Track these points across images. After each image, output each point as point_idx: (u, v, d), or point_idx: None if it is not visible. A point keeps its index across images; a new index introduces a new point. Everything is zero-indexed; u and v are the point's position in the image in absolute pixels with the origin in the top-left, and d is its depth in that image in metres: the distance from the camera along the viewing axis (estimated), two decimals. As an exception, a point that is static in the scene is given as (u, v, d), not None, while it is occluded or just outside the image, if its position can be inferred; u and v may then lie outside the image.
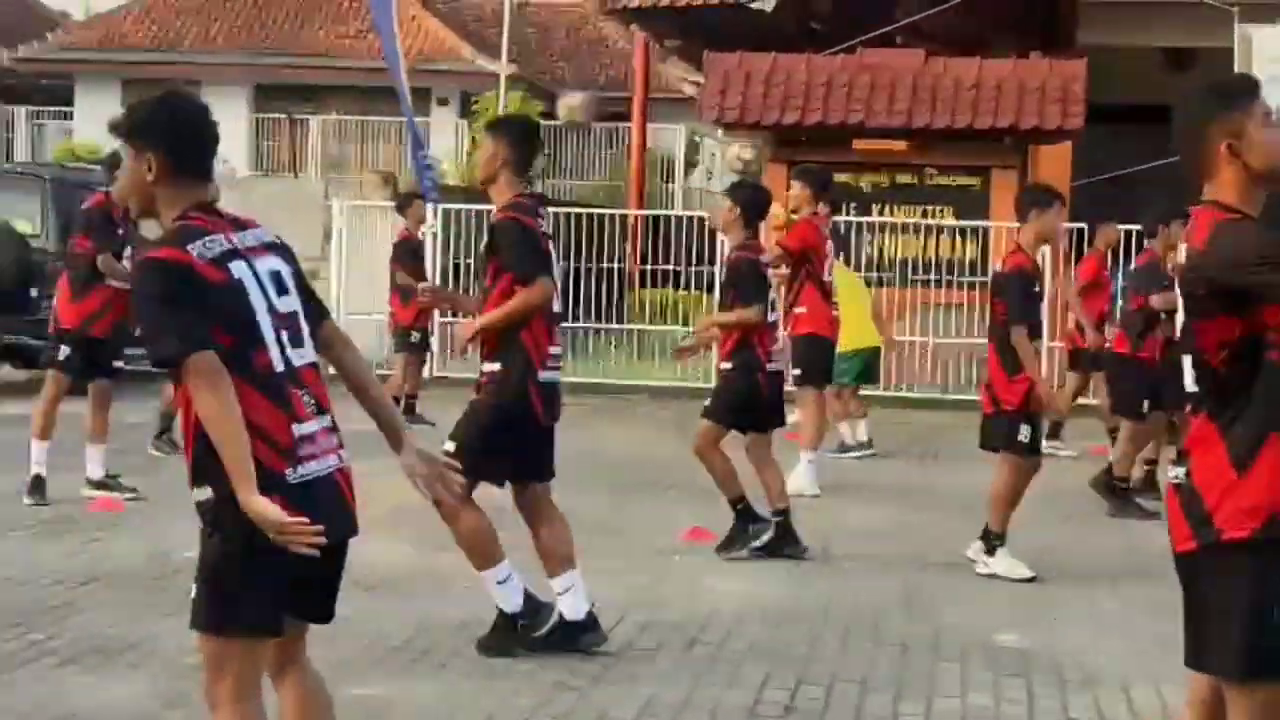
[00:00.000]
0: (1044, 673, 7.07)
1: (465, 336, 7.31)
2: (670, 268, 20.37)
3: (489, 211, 7.36)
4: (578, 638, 7.11)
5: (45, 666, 6.72)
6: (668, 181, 31.50)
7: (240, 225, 4.35)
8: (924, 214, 19.45)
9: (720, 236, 10.01)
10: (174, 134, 4.32)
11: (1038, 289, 9.30)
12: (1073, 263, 15.41)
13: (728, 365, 9.64)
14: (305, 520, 4.01)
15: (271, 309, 4.25)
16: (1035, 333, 9.20)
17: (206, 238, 4.21)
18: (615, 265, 20.25)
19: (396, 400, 10.91)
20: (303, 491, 4.17)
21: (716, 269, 20.13)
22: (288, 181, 28.54)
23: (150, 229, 8.09)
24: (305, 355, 4.30)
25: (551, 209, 18.44)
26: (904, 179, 19.92)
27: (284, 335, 4.26)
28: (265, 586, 4.18)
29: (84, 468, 10.75)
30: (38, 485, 10.47)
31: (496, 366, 7.04)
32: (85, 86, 39.05)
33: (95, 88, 38.92)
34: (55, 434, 10.56)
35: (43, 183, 17.76)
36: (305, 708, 4.41)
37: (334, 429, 4.32)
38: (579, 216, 20.03)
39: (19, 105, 38.99)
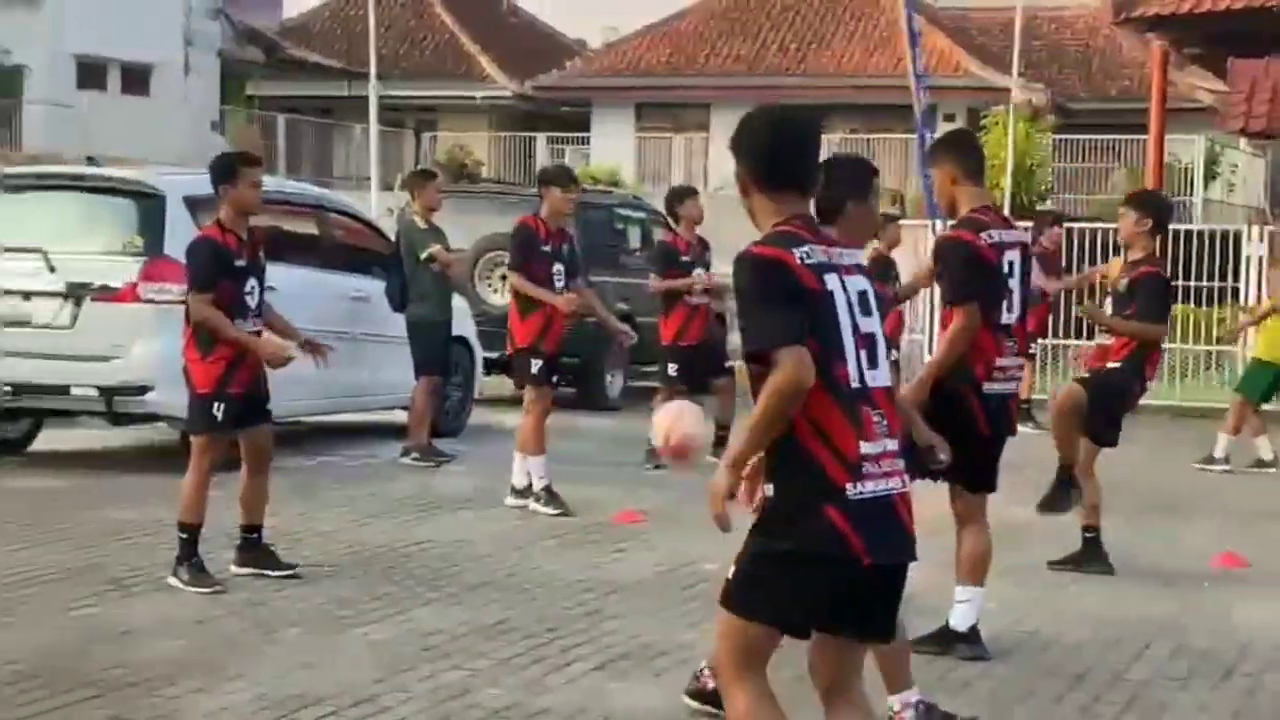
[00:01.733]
0: None
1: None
2: (1190, 284, 19.63)
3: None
4: (954, 645, 7.09)
5: (578, 671, 6.93)
6: (1186, 194, 30.45)
7: (833, 242, 4.47)
8: None
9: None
10: (754, 149, 4.47)
11: None
12: None
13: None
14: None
15: (855, 327, 4.34)
16: None
17: (808, 246, 4.33)
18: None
19: None
20: (859, 508, 4.24)
21: (1242, 284, 19.44)
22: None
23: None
24: (879, 377, 4.38)
25: (1068, 224, 18.09)
26: None
27: (862, 354, 4.34)
28: (796, 591, 4.28)
29: (583, 485, 11.23)
30: (550, 494, 10.89)
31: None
32: (601, 111, 40.46)
33: (610, 112, 40.29)
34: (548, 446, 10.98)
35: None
36: None
37: (899, 454, 4.38)
38: (1093, 231, 19.59)
39: (539, 132, 40.64)
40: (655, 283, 13.25)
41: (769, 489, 4.33)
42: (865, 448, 4.27)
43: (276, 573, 8.50)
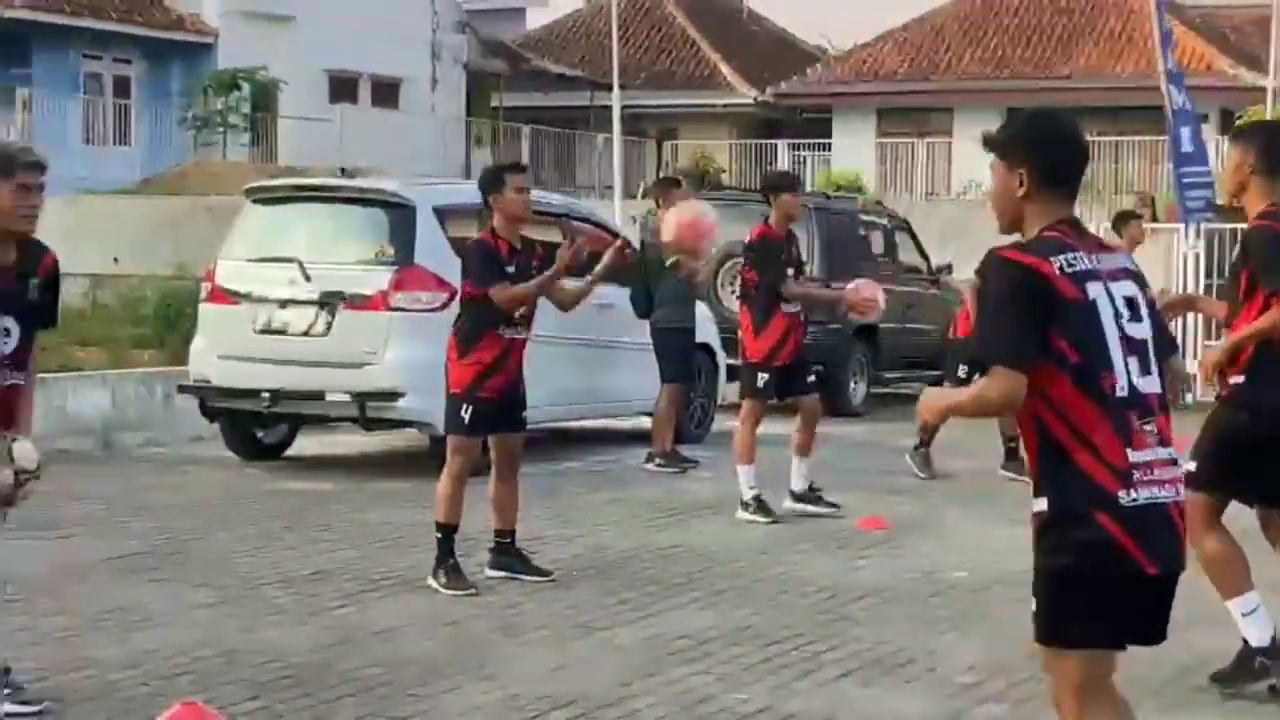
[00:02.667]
0: None
1: (1209, 363, 6.91)
2: None
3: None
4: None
5: (826, 677, 6.90)
6: None
7: (1103, 247, 4.40)
8: None
9: None
10: (1045, 149, 4.39)
11: None
12: None
13: None
14: None
15: (1123, 334, 4.25)
16: None
17: (1071, 253, 4.25)
18: None
19: None
20: (1135, 514, 4.17)
21: None
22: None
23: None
24: (1152, 384, 4.29)
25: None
26: None
27: (1132, 361, 4.26)
28: (1092, 604, 4.22)
29: (829, 492, 11.14)
30: (761, 505, 10.78)
31: (1242, 379, 6.69)
32: (842, 117, 40.36)
33: (852, 118, 40.19)
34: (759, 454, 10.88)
35: (809, 211, 18.42)
36: None
37: (1175, 462, 4.30)
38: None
39: (780, 139, 40.60)
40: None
41: (1041, 504, 4.26)
42: (1134, 455, 4.19)
43: (530, 577, 8.61)
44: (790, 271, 10.88)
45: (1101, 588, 4.22)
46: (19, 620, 6.95)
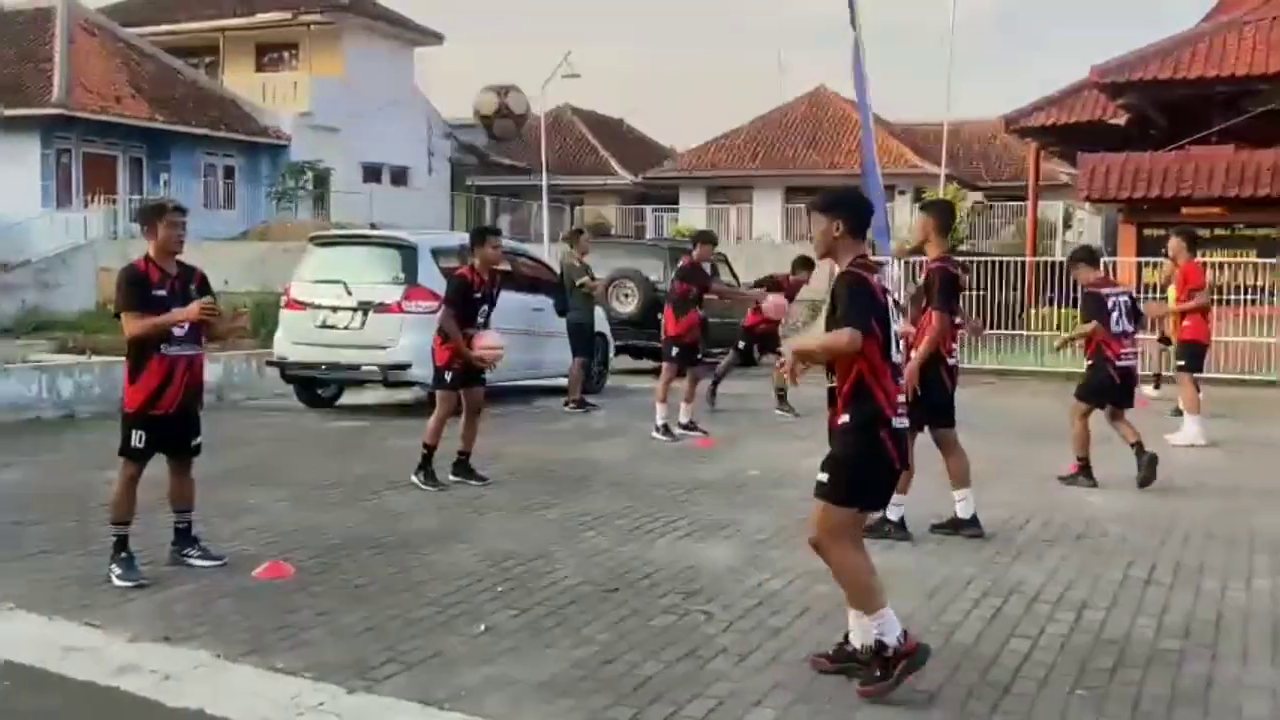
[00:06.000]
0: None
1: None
2: (1051, 294, 19.24)
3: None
4: (961, 528, 6.66)
5: (675, 537, 6.82)
6: (1050, 239, 30.06)
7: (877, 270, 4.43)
8: (1235, 255, 17.87)
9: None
10: (851, 209, 4.38)
11: None
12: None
13: (1089, 362, 8.59)
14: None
15: (894, 324, 4.35)
16: None
17: (879, 274, 4.35)
18: (1018, 293, 19.36)
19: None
20: (897, 433, 4.25)
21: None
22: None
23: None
24: (900, 357, 4.38)
25: (979, 258, 17.80)
26: (1220, 232, 18.37)
27: (899, 343, 4.38)
28: (866, 481, 4.26)
29: (677, 422, 11.08)
30: (667, 430, 10.81)
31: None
32: (685, 192, 40.56)
33: (692, 192, 40.45)
34: (671, 400, 10.95)
35: (663, 250, 18.60)
36: None
37: (906, 403, 4.38)
38: (998, 263, 19.24)
39: (647, 205, 40.75)
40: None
41: (845, 418, 4.22)
42: (897, 397, 4.29)
43: (475, 482, 8.42)
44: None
45: (876, 473, 4.25)
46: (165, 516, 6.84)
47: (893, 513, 6.65)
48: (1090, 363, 8.62)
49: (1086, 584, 5.89)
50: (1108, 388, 8.52)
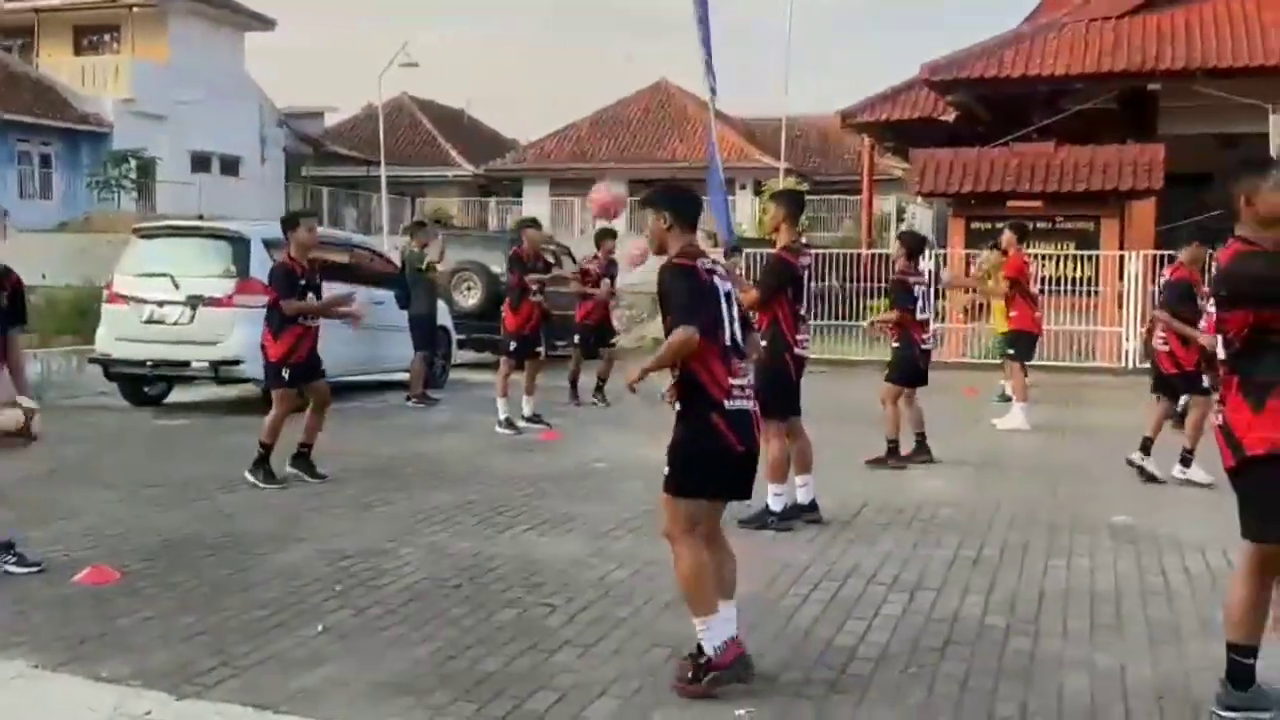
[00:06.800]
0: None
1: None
2: (885, 286, 19.84)
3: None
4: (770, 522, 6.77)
5: (518, 531, 6.80)
6: (885, 232, 31.04)
7: (713, 260, 4.43)
8: (1056, 247, 18.77)
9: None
10: (679, 203, 4.40)
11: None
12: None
13: (896, 345, 9.12)
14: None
15: (729, 308, 4.33)
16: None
17: (704, 259, 4.34)
18: (855, 284, 19.93)
19: None
20: (733, 415, 4.21)
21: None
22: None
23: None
24: (738, 337, 4.35)
25: (816, 250, 18.30)
26: (1042, 225, 19.26)
27: (734, 325, 4.34)
28: (705, 469, 4.22)
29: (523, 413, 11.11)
30: (510, 424, 10.80)
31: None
32: (529, 185, 40.39)
33: (534, 185, 40.33)
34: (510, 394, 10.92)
35: (504, 241, 18.43)
36: (722, 562, 4.38)
37: (749, 386, 4.33)
38: (835, 255, 19.74)
39: (490, 197, 40.46)
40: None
41: (679, 406, 4.24)
42: (732, 380, 4.24)
43: (313, 480, 8.25)
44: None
45: (711, 459, 4.21)
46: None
47: (775, 503, 6.74)
48: (896, 345, 9.13)
49: (918, 565, 6.10)
50: (912, 370, 9.10)
